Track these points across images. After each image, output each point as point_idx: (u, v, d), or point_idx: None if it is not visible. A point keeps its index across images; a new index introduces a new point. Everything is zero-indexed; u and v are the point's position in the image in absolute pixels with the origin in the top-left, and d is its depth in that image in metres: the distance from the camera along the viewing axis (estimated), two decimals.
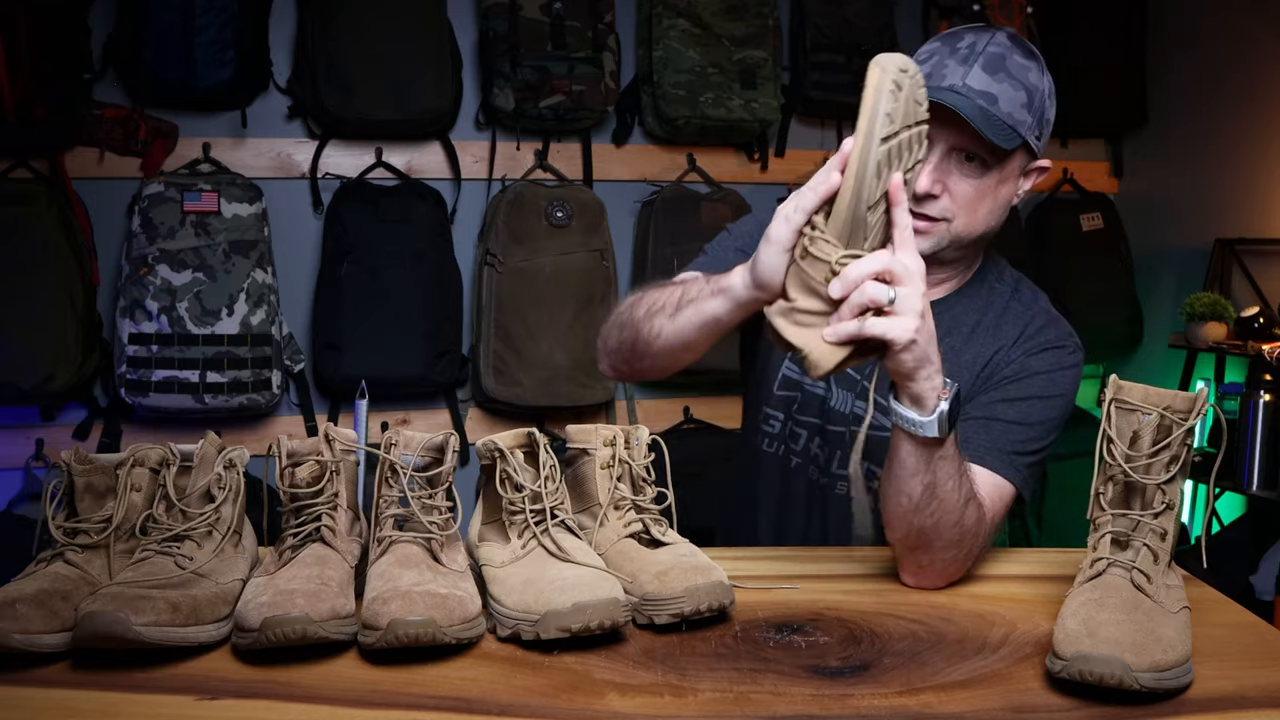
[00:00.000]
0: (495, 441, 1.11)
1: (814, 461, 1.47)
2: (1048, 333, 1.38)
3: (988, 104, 1.24)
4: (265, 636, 0.93)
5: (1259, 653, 1.01)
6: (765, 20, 2.98)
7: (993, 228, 1.34)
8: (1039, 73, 1.29)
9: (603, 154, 3.05)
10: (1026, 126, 1.27)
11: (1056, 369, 1.35)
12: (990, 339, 1.38)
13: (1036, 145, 1.30)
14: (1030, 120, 1.27)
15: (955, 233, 1.31)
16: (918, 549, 1.17)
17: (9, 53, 2.41)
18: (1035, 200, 3.37)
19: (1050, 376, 1.34)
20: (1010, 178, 1.31)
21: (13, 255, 2.49)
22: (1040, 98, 1.29)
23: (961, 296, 1.42)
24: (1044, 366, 1.35)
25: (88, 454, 1.09)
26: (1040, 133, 1.30)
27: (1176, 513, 1.03)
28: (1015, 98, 1.25)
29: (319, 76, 2.67)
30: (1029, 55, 1.29)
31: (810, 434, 1.46)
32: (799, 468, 1.48)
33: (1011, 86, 1.25)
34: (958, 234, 1.31)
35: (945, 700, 0.90)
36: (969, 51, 1.27)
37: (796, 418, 1.47)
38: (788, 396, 1.47)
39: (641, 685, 0.93)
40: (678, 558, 1.09)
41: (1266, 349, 2.61)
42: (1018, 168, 1.31)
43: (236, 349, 2.58)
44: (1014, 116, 1.25)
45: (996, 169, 1.28)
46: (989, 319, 1.40)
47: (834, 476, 1.45)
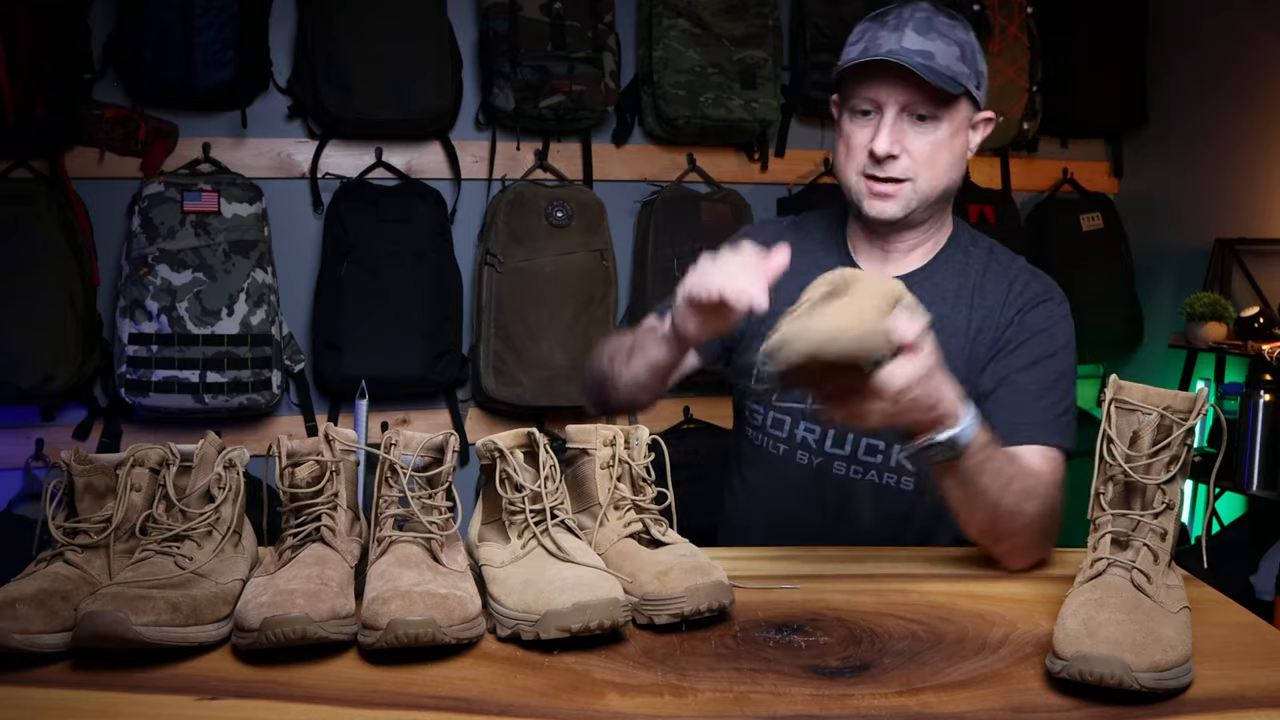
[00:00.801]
0: (495, 441, 1.11)
1: (802, 446, 1.49)
2: (1034, 287, 1.44)
3: (926, 60, 1.33)
4: (265, 636, 0.93)
5: (1259, 653, 1.01)
6: (765, 20, 2.97)
7: (954, 182, 1.42)
8: (965, 30, 1.38)
9: (603, 154, 3.05)
10: (965, 76, 1.36)
11: (1052, 323, 1.42)
12: (977, 301, 1.44)
13: (977, 95, 1.39)
14: (967, 71, 1.36)
15: (920, 191, 1.39)
16: (995, 542, 1.25)
17: (9, 53, 2.41)
18: (1035, 200, 3.37)
19: (1050, 333, 1.41)
20: (961, 129, 1.39)
21: (13, 255, 2.48)
22: (971, 50, 1.38)
23: (940, 263, 1.48)
24: (1041, 323, 1.42)
25: (88, 454, 1.09)
26: (979, 83, 1.39)
27: (1176, 513, 1.03)
28: (949, 51, 1.34)
29: (319, 76, 2.67)
30: (952, 17, 1.38)
31: (794, 420, 1.49)
32: (786, 455, 1.50)
33: (944, 43, 1.34)
34: (923, 192, 1.39)
35: (945, 700, 0.90)
36: (898, 20, 1.36)
37: (778, 406, 1.51)
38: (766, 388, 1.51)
39: (641, 685, 0.93)
40: (678, 558, 1.09)
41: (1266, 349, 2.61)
42: (965, 119, 1.39)
43: (236, 349, 2.58)
44: (952, 68, 1.34)
45: (947, 121, 1.37)
46: (970, 281, 1.46)
47: (828, 456, 1.47)
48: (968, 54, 1.36)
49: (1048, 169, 3.39)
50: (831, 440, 1.47)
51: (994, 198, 3.22)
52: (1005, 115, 3.15)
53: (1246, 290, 2.93)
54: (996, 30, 3.11)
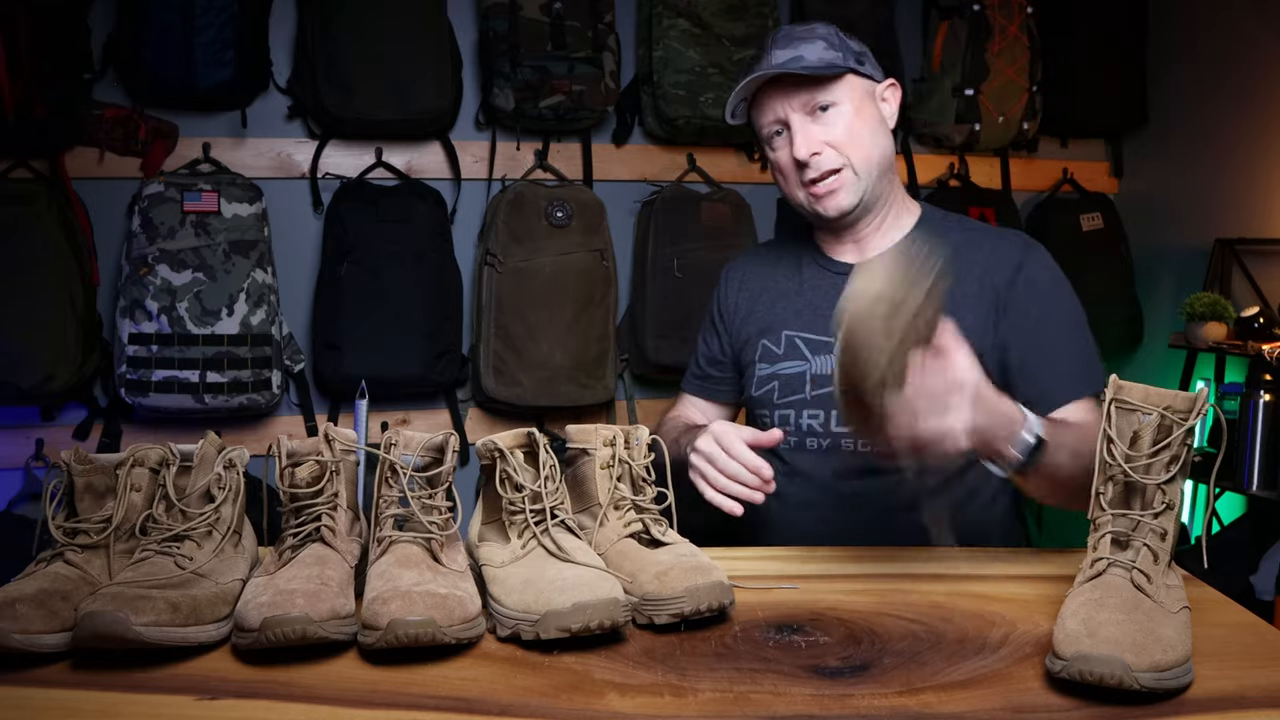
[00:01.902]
0: (495, 441, 1.11)
1: (810, 434, 1.53)
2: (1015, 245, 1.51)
3: (796, 64, 1.44)
4: (265, 636, 0.93)
5: (1259, 653, 1.01)
6: (765, 20, 2.98)
7: (885, 149, 1.49)
8: (824, 26, 1.49)
9: (603, 154, 3.05)
10: (840, 59, 1.45)
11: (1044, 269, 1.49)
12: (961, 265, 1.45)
13: (864, 69, 1.48)
14: (840, 54, 1.46)
15: (859, 169, 1.46)
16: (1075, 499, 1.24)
17: (9, 53, 2.41)
18: (1035, 200, 3.37)
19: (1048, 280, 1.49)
20: (865, 103, 1.47)
21: (13, 255, 2.48)
22: (835, 37, 1.48)
23: (912, 241, 1.52)
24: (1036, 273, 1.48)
25: (88, 454, 1.09)
26: (860, 59, 1.48)
27: (1176, 513, 1.03)
28: (814, 48, 1.45)
29: (319, 76, 2.67)
30: (808, 23, 1.51)
31: (797, 411, 1.53)
32: (797, 445, 1.53)
33: (807, 44, 1.45)
34: (861, 169, 1.47)
35: (945, 700, 0.90)
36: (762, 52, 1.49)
37: (779, 403, 1.55)
38: (765, 393, 1.57)
39: (641, 685, 0.93)
40: (678, 558, 1.09)
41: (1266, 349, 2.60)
42: (864, 93, 1.48)
43: (236, 349, 2.58)
44: (824, 58, 1.44)
45: (846, 101, 1.45)
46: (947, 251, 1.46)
47: (835, 435, 1.51)
48: (834, 41, 1.47)
49: (1048, 169, 3.39)
50: (835, 420, 1.50)
51: (994, 198, 3.22)
52: (1005, 115, 3.15)
53: (1246, 290, 2.93)
54: (996, 30, 3.11)
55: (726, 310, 1.67)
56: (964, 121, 3.12)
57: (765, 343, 1.58)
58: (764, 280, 1.64)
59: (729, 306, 1.67)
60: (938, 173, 3.25)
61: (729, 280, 1.69)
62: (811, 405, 1.52)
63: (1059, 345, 1.44)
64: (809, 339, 1.54)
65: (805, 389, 1.53)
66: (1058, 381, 1.41)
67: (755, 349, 1.60)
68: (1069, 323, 1.47)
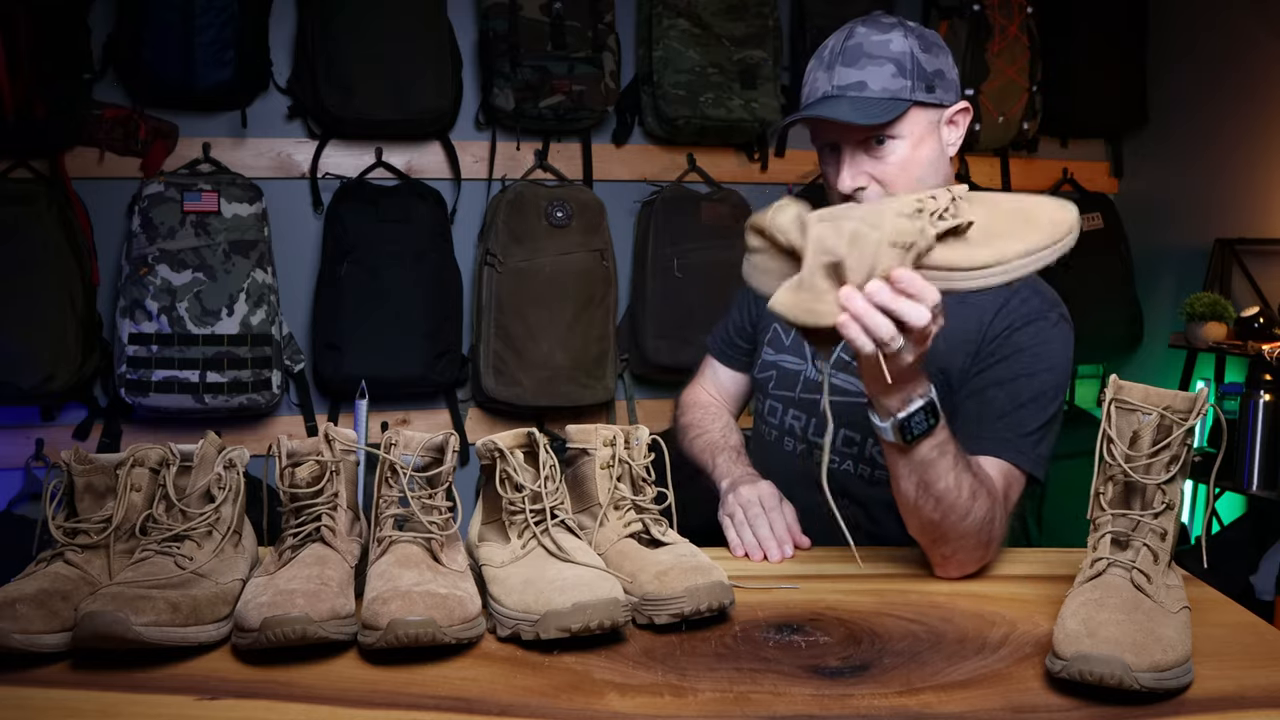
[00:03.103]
0: (495, 441, 1.11)
1: (789, 433, 1.53)
2: (1031, 304, 1.40)
3: (859, 92, 1.33)
4: (265, 636, 0.93)
5: (1259, 653, 1.02)
6: (765, 20, 2.97)
7: (938, 183, 1.38)
8: (902, 37, 1.35)
9: (603, 154, 3.05)
10: (907, 91, 1.33)
11: (1040, 342, 1.36)
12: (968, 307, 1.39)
13: (932, 98, 1.36)
14: (908, 84, 1.34)
15: None
16: (936, 542, 1.21)
17: (9, 53, 2.41)
18: None
19: (1034, 351, 1.36)
20: (925, 138, 1.36)
21: (13, 255, 2.48)
22: (909, 59, 1.34)
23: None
24: (1028, 341, 1.37)
25: (88, 454, 1.09)
26: (930, 85, 1.36)
27: (1176, 513, 1.03)
28: (883, 73, 1.33)
29: (319, 76, 2.67)
30: (886, 29, 1.35)
31: (785, 407, 1.53)
32: (777, 440, 1.54)
33: (876, 66, 1.33)
34: None
35: (945, 700, 0.90)
36: (830, 55, 1.36)
37: (773, 393, 1.55)
38: (765, 378, 1.57)
39: (641, 685, 0.93)
40: (678, 558, 1.09)
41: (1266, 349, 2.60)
42: (927, 126, 1.36)
43: (236, 349, 2.58)
44: (889, 89, 1.33)
45: (904, 138, 1.35)
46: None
47: (810, 444, 1.50)
48: (907, 65, 1.34)
49: (1048, 169, 3.39)
50: (814, 428, 1.50)
51: None
52: (1005, 115, 3.15)
53: (1246, 290, 2.93)
54: (996, 30, 3.11)
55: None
56: None
57: (778, 328, 1.57)
58: None
59: None
60: None
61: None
62: (797, 406, 1.52)
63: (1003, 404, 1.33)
64: None
65: (796, 388, 1.53)
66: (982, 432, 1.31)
67: (768, 330, 1.59)
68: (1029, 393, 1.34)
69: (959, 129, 1.40)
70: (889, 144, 1.35)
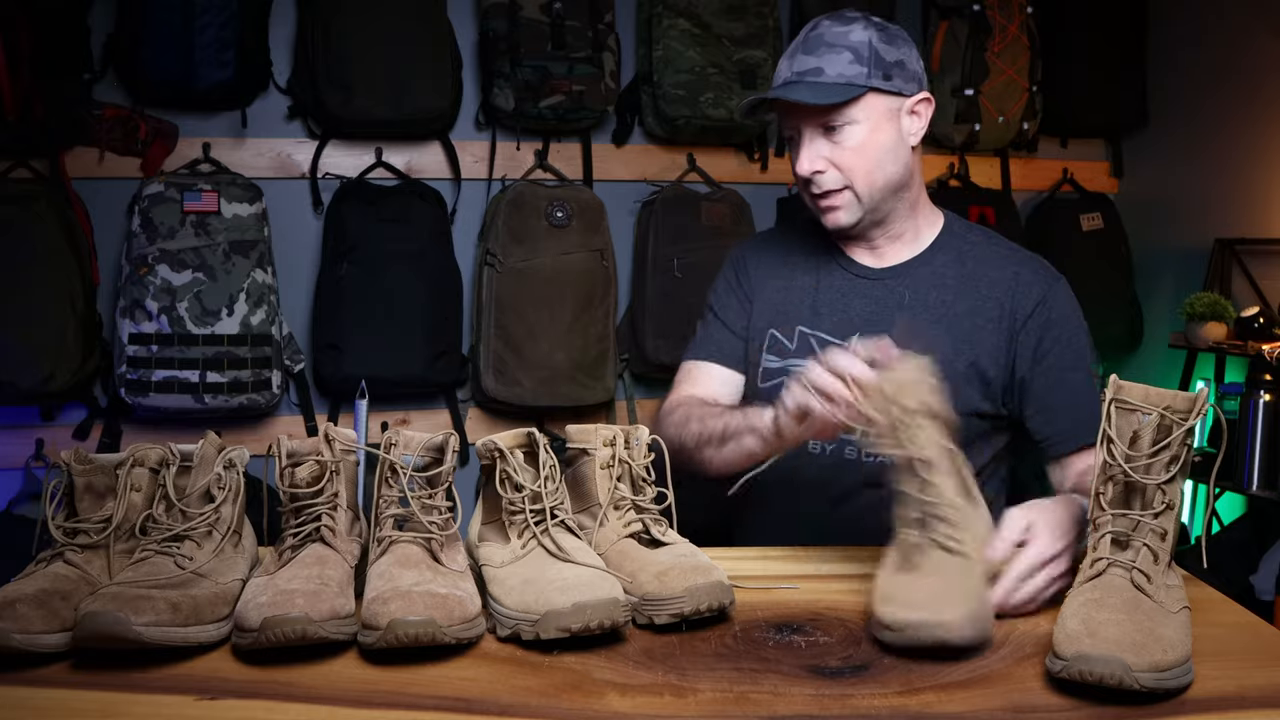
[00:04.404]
0: (495, 441, 1.11)
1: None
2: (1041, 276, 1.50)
3: (815, 78, 1.39)
4: (265, 636, 0.93)
5: (1259, 653, 1.02)
6: (765, 20, 2.97)
7: (895, 173, 1.45)
8: (862, 28, 1.41)
9: (603, 154, 3.05)
10: (863, 77, 1.39)
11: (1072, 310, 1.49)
12: (984, 288, 1.49)
13: (890, 85, 1.41)
14: (865, 70, 1.39)
15: (861, 193, 1.44)
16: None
17: (9, 53, 2.41)
18: (1035, 200, 3.37)
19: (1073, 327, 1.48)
20: (882, 124, 1.42)
21: (12, 255, 2.48)
22: (867, 48, 1.40)
23: (937, 250, 1.52)
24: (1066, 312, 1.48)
25: (88, 454, 1.09)
26: (888, 74, 1.41)
27: (1176, 513, 1.03)
28: (839, 60, 1.39)
29: (319, 76, 2.67)
30: (848, 22, 1.42)
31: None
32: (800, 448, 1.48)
33: (833, 54, 1.39)
34: (864, 193, 1.44)
35: (945, 700, 0.90)
36: (794, 47, 1.43)
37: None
38: (772, 386, 1.52)
39: (641, 685, 0.93)
40: (678, 558, 1.09)
41: (1266, 349, 2.60)
42: (885, 112, 1.42)
43: (236, 349, 2.58)
44: (844, 75, 1.39)
45: (860, 123, 1.40)
46: (969, 268, 1.50)
47: (841, 441, 1.48)
48: (864, 53, 1.40)
49: (1048, 169, 3.39)
50: None
51: (994, 198, 3.22)
52: (1005, 115, 3.15)
53: (1246, 290, 2.93)
54: (996, 30, 3.11)
55: (753, 286, 1.61)
56: (964, 121, 3.13)
57: (775, 333, 1.55)
58: (775, 268, 1.60)
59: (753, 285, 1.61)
60: (938, 173, 3.25)
61: (746, 260, 1.63)
62: None
63: (1079, 389, 1.44)
64: (824, 339, 1.51)
65: None
66: (1077, 425, 1.41)
67: (763, 338, 1.56)
68: (1085, 366, 1.46)
69: (921, 119, 1.45)
70: (846, 129, 1.40)
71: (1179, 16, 3.26)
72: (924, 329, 1.42)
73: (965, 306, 1.48)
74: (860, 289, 1.52)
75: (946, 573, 1.04)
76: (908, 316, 1.47)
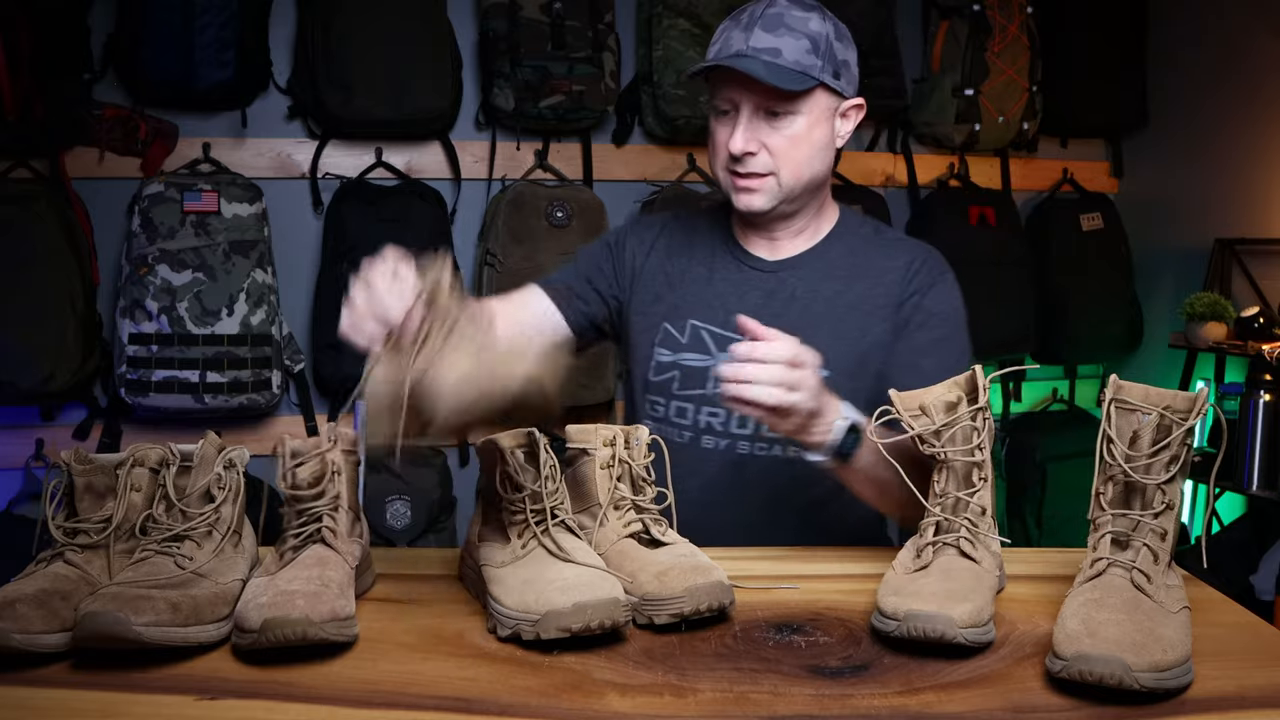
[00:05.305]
0: (495, 441, 1.11)
1: (708, 431, 1.50)
2: (930, 266, 1.50)
3: (772, 58, 1.36)
4: (265, 637, 0.93)
5: (1259, 653, 1.02)
6: None
7: (819, 172, 1.46)
8: (820, 19, 1.41)
9: (603, 154, 3.05)
10: (817, 69, 1.38)
11: (948, 303, 1.48)
12: (874, 278, 1.49)
13: (837, 84, 1.42)
14: (819, 63, 1.39)
15: (784, 183, 1.43)
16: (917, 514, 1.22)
17: (9, 53, 2.41)
18: (1035, 200, 3.37)
19: (944, 313, 1.47)
20: (821, 121, 1.42)
21: (12, 255, 2.48)
22: (824, 41, 1.39)
23: (831, 241, 1.53)
24: (938, 304, 1.48)
25: (88, 454, 1.09)
26: (838, 72, 1.41)
27: (1176, 513, 1.03)
28: (798, 46, 1.37)
29: (319, 76, 2.67)
30: (807, 8, 1.41)
31: (697, 406, 1.50)
32: (692, 441, 1.50)
33: (793, 38, 1.37)
34: (787, 184, 1.43)
35: (945, 700, 0.90)
36: (749, 19, 1.40)
37: (678, 394, 1.52)
38: (665, 380, 1.53)
39: (641, 685, 0.93)
40: (678, 558, 1.09)
41: (1266, 349, 2.61)
42: (825, 110, 1.42)
43: (236, 349, 2.58)
44: (801, 63, 1.37)
45: (804, 115, 1.40)
46: (860, 260, 1.51)
47: (734, 436, 1.48)
48: (821, 46, 1.39)
49: (1048, 169, 3.39)
50: (736, 421, 1.48)
51: (994, 198, 3.22)
52: (1005, 115, 3.15)
53: (1246, 290, 2.93)
54: (996, 30, 3.11)
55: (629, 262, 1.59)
56: (964, 121, 3.12)
57: (668, 326, 1.53)
58: (673, 255, 1.57)
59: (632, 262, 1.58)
60: (938, 173, 3.25)
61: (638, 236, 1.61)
62: (711, 403, 1.48)
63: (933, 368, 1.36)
64: (716, 333, 1.50)
65: (706, 385, 1.48)
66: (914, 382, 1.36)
67: (656, 332, 1.54)
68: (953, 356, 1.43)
69: (850, 123, 1.47)
70: (788, 118, 1.39)
71: (1179, 16, 3.26)
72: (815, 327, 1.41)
73: (855, 295, 1.48)
74: (754, 281, 1.52)
75: (957, 576, 1.04)
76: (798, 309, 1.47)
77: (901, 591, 1.02)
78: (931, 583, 1.03)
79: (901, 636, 0.98)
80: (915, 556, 1.10)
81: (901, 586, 1.04)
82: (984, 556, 1.09)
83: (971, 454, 1.13)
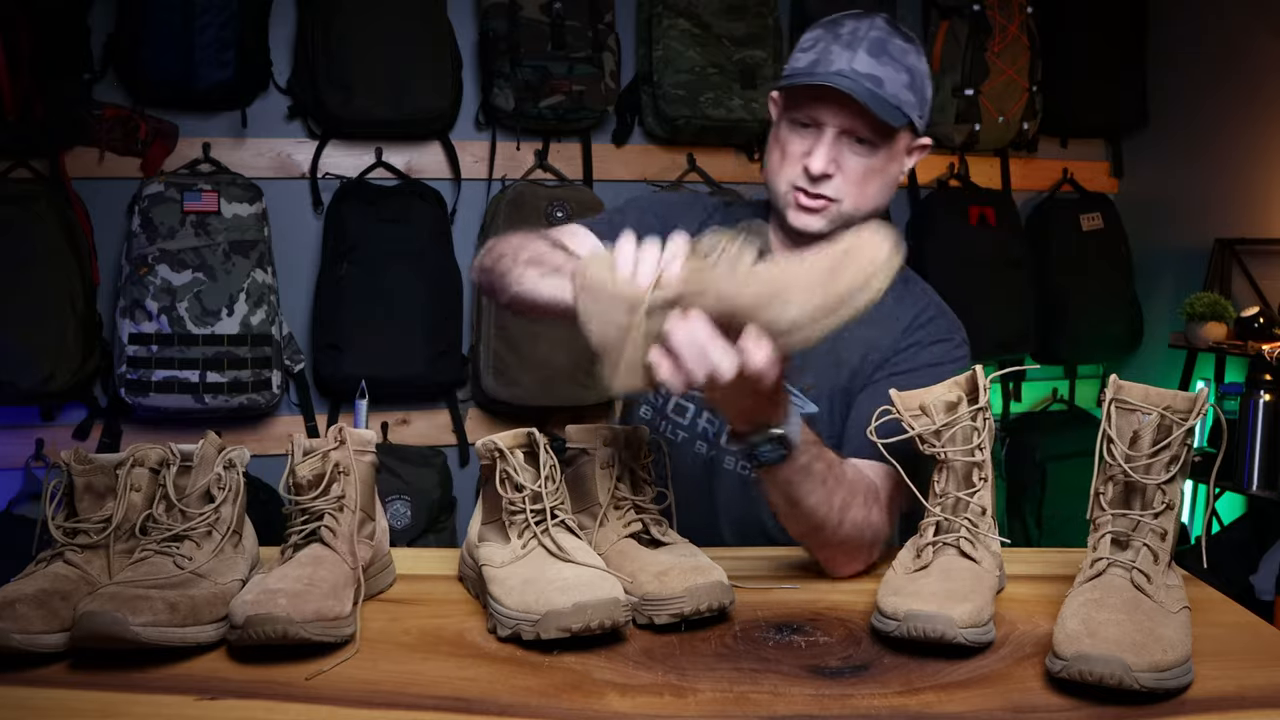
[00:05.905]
0: (495, 441, 1.11)
1: (701, 436, 1.47)
2: (938, 323, 1.43)
3: (875, 86, 1.31)
4: (247, 634, 0.93)
5: (1259, 653, 1.02)
6: (765, 20, 2.97)
7: (879, 206, 1.42)
8: (917, 55, 1.36)
9: (603, 154, 3.05)
10: (911, 106, 1.34)
11: (944, 361, 1.40)
12: (885, 322, 1.39)
13: (919, 123, 1.39)
14: (914, 100, 1.35)
15: (845, 211, 1.38)
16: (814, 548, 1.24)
17: (9, 53, 2.41)
18: (1035, 200, 3.37)
19: (936, 370, 1.36)
20: (897, 156, 1.39)
21: (12, 255, 2.48)
22: (921, 79, 1.36)
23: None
24: (933, 359, 1.40)
25: (88, 454, 1.09)
26: (922, 112, 1.38)
27: (1176, 513, 1.03)
28: (898, 79, 1.32)
29: (319, 76, 2.67)
30: (907, 40, 1.36)
31: (698, 408, 1.47)
32: (685, 442, 1.47)
33: (894, 69, 1.32)
34: (847, 213, 1.38)
35: (945, 700, 0.90)
36: (852, 37, 1.33)
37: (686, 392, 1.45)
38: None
39: (641, 685, 0.93)
40: (678, 558, 1.09)
41: (1266, 349, 2.61)
42: (903, 147, 1.39)
43: (236, 349, 2.58)
44: (899, 97, 1.33)
45: (885, 149, 1.36)
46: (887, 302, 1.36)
47: (724, 451, 1.45)
48: (917, 82, 1.35)
49: (1048, 169, 3.39)
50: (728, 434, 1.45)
51: (994, 198, 3.22)
52: (1005, 115, 3.15)
53: (1246, 290, 2.93)
54: (996, 30, 3.11)
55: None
56: (964, 121, 3.13)
57: None
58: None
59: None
60: (938, 173, 3.25)
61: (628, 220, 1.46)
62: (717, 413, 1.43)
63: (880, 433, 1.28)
64: None
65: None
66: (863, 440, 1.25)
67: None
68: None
69: (913, 160, 1.43)
70: (871, 148, 1.34)
71: (1179, 16, 3.26)
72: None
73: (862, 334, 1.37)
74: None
75: (957, 576, 1.05)
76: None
77: (901, 591, 1.02)
78: (931, 583, 1.03)
79: (901, 636, 0.98)
80: (915, 556, 1.10)
81: (901, 586, 1.04)
82: (984, 556, 1.09)
83: (971, 454, 1.13)
